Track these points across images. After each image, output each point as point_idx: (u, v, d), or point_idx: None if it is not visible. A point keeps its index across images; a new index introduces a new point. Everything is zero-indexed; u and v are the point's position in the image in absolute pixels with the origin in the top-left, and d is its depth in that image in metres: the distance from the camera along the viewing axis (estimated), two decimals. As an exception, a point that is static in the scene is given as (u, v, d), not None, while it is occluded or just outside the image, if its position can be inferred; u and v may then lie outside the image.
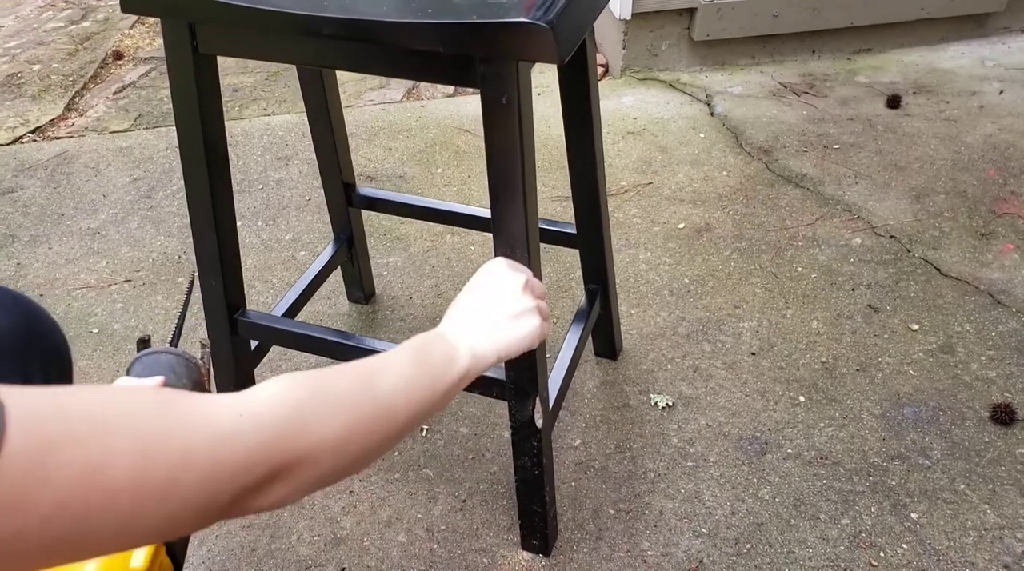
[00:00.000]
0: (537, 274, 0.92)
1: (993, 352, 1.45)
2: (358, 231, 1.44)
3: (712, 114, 2.18)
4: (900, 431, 1.32)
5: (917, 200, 1.84)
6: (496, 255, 0.90)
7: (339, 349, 1.11)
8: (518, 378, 0.98)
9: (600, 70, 2.45)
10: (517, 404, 1.00)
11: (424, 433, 1.33)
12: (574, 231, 1.25)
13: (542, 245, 1.37)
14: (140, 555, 0.66)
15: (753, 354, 1.46)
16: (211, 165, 0.98)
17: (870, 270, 1.64)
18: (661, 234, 1.75)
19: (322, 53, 0.87)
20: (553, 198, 1.86)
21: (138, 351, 0.71)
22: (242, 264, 1.65)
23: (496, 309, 0.73)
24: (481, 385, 1.02)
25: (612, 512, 1.20)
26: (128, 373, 0.68)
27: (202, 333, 1.46)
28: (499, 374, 1.00)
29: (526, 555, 1.15)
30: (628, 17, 2.18)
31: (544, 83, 2.27)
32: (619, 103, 2.24)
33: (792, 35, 2.34)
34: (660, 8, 2.20)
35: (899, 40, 2.42)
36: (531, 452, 1.04)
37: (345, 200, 1.36)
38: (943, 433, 1.31)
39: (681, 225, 1.78)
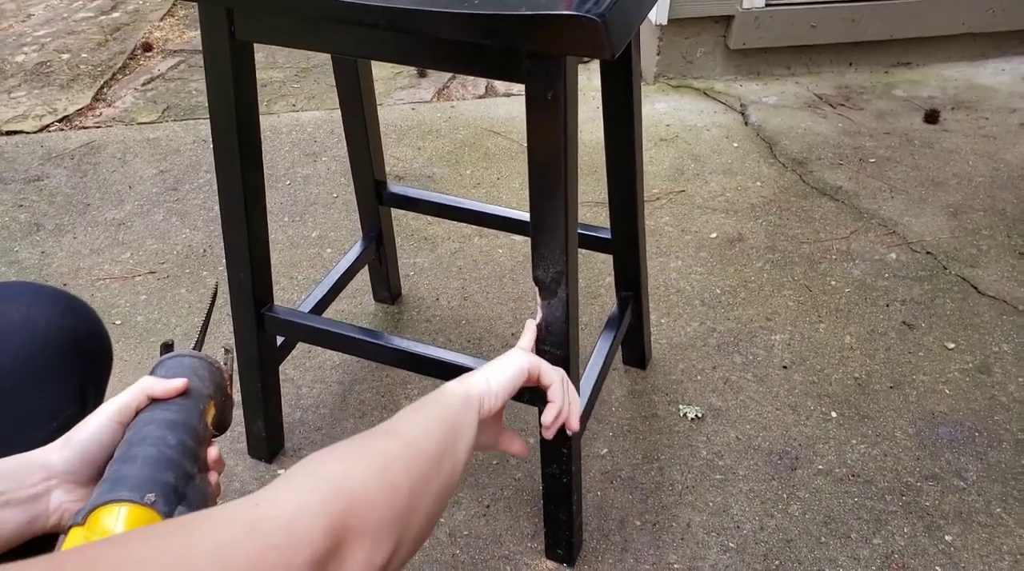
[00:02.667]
0: (574, 275, 0.90)
1: (1033, 374, 1.41)
2: (387, 230, 1.42)
3: (746, 124, 2.15)
4: (935, 451, 1.28)
5: (954, 217, 1.80)
6: (533, 254, 0.87)
7: (366, 347, 1.09)
8: (550, 383, 0.95)
9: (630, 76, 2.42)
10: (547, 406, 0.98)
11: (447, 436, 1.31)
12: (609, 236, 1.22)
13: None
14: None
15: (785, 367, 1.42)
16: (244, 156, 0.97)
17: (905, 286, 1.60)
18: (693, 243, 1.72)
19: (362, 43, 0.86)
20: (584, 203, 1.83)
21: (161, 354, 0.70)
22: (281, 254, 1.65)
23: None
24: (512, 389, 1.00)
25: (638, 523, 1.18)
26: (154, 373, 0.67)
27: (226, 327, 1.45)
28: (531, 378, 0.97)
29: (550, 564, 1.12)
30: (664, 23, 2.15)
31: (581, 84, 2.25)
32: (652, 109, 2.22)
33: (829, 46, 2.31)
34: (697, 15, 2.17)
35: (939, 54, 2.38)
36: (560, 459, 1.02)
37: (376, 198, 1.35)
38: (979, 454, 1.27)
39: (713, 234, 1.75)
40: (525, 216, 1.14)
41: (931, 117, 2.14)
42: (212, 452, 0.65)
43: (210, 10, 0.86)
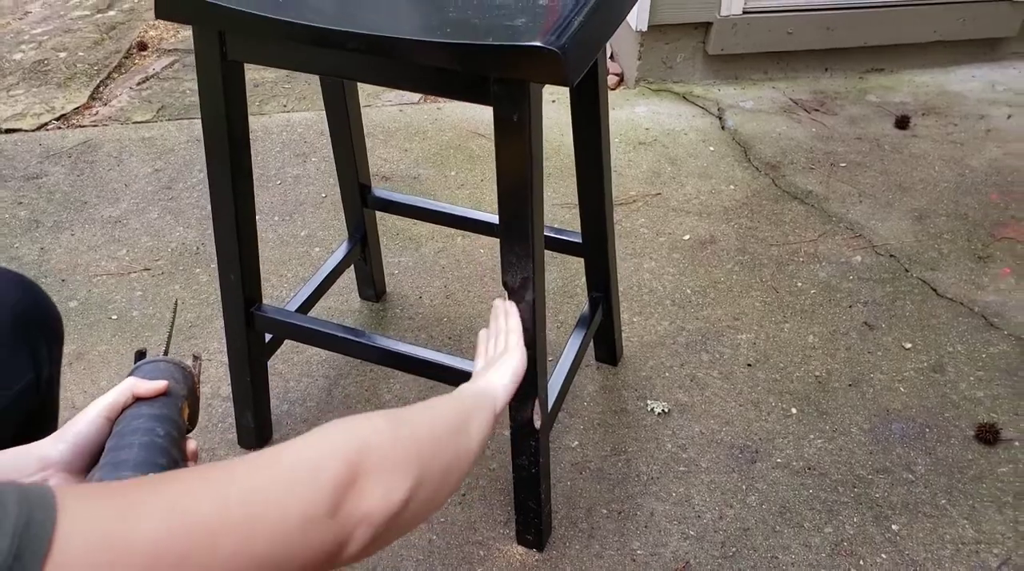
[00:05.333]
0: (540, 280, 0.97)
1: (982, 373, 1.49)
2: (371, 231, 1.49)
3: (723, 128, 2.22)
4: (887, 446, 1.36)
5: (919, 221, 1.88)
6: (502, 260, 0.95)
7: (350, 345, 1.16)
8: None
9: (615, 79, 2.49)
10: (517, 405, 1.05)
11: (427, 428, 1.38)
12: (580, 240, 1.29)
13: (549, 252, 1.42)
14: None
15: (749, 365, 1.50)
16: (235, 166, 1.04)
17: (868, 288, 1.68)
18: (666, 245, 1.79)
19: (344, 65, 0.92)
20: (563, 205, 1.90)
21: (135, 361, 0.76)
22: (272, 251, 1.71)
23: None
24: (483, 385, 1.07)
25: (605, 512, 1.25)
26: (134, 375, 0.73)
27: (218, 323, 1.52)
28: (501, 375, 1.05)
29: (520, 549, 1.20)
30: (644, 29, 2.22)
31: (559, 90, 2.31)
32: (632, 113, 2.28)
33: (806, 52, 2.38)
34: (676, 21, 2.24)
35: (911, 61, 2.45)
36: (529, 451, 1.09)
37: (360, 201, 1.41)
38: (928, 449, 1.35)
39: (686, 237, 1.82)
40: (500, 222, 1.21)
41: (901, 123, 2.21)
42: (190, 445, 0.72)
43: (203, 32, 0.92)
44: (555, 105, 2.30)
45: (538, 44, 0.76)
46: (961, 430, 1.38)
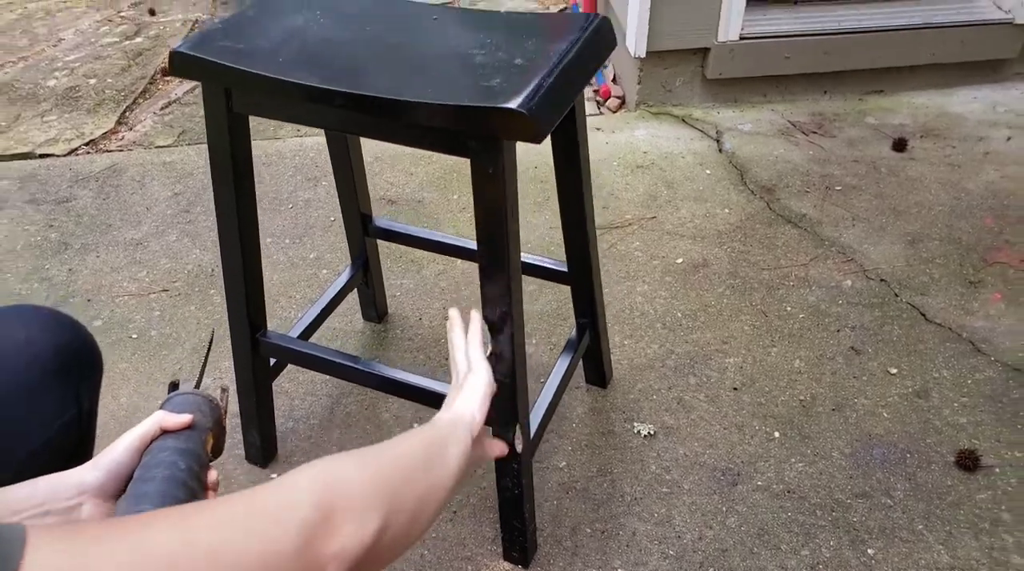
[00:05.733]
0: (518, 315, 1.04)
1: (967, 399, 1.53)
2: (373, 257, 1.57)
3: (720, 151, 2.28)
4: (867, 470, 1.40)
5: (911, 245, 1.92)
6: (482, 297, 1.01)
7: (348, 372, 1.24)
8: (501, 408, 1.09)
9: (616, 102, 2.55)
10: (500, 430, 1.12)
11: (423, 447, 1.45)
12: (565, 269, 1.36)
13: (538, 280, 1.49)
14: None
15: (735, 389, 1.55)
16: (240, 209, 1.12)
17: (857, 313, 1.72)
18: (660, 268, 1.85)
19: (336, 120, 1.00)
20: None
21: (169, 392, 0.84)
22: (268, 280, 1.80)
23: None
24: (468, 411, 1.14)
25: (589, 531, 1.31)
26: (164, 408, 0.81)
27: (229, 343, 1.61)
28: (484, 403, 1.12)
29: (507, 565, 1.26)
30: (643, 55, 2.28)
31: (563, 115, 2.39)
32: (631, 136, 2.35)
33: (804, 76, 2.42)
34: (674, 47, 2.30)
35: (911, 82, 2.49)
36: (512, 473, 1.16)
37: (362, 229, 1.49)
38: (908, 475, 1.40)
39: (679, 260, 1.88)
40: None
41: (899, 145, 2.25)
42: (212, 475, 0.79)
43: (211, 87, 1.01)
44: (559, 129, 2.36)
45: (510, 106, 0.83)
46: (942, 456, 1.43)
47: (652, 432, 1.47)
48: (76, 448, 0.88)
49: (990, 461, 1.41)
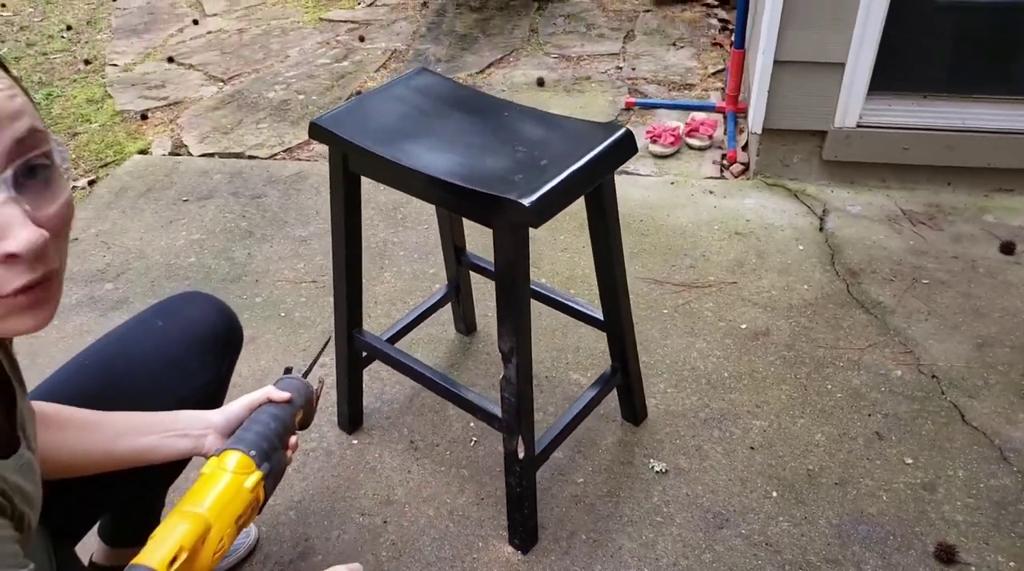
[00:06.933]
0: (524, 344, 1.33)
1: (971, 500, 1.61)
2: (464, 281, 1.92)
3: (821, 229, 2.41)
4: (847, 542, 1.55)
5: (978, 348, 1.97)
6: (498, 331, 1.32)
7: (416, 375, 1.58)
8: (508, 418, 1.40)
9: (740, 168, 2.73)
10: (507, 436, 1.42)
11: (472, 443, 1.78)
12: (601, 317, 1.63)
13: (577, 321, 1.76)
14: (252, 479, 1.01)
15: (752, 448, 1.74)
16: (348, 242, 1.50)
17: (894, 402, 1.83)
18: (723, 330, 2.05)
19: (408, 184, 1.34)
20: (646, 279, 2.21)
21: (283, 374, 1.22)
22: (392, 286, 2.21)
23: None
24: (487, 417, 1.45)
25: (584, 537, 1.58)
26: (275, 385, 1.18)
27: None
28: (498, 411, 1.42)
29: (509, 549, 1.56)
30: (759, 131, 2.46)
31: (678, 175, 2.62)
32: (740, 203, 2.53)
33: (925, 166, 2.48)
34: (791, 127, 2.45)
35: (1044, 186, 2.46)
36: (516, 474, 1.46)
37: (456, 258, 1.85)
38: (884, 554, 1.52)
39: (744, 326, 2.06)
40: (565, 298, 1.59)
41: (1007, 248, 2.26)
42: (292, 440, 1.14)
43: (333, 150, 1.40)
44: (672, 187, 2.60)
45: (512, 198, 1.14)
46: (924, 545, 1.53)
47: (664, 470, 1.70)
48: (211, 400, 1.28)
49: (968, 559, 1.50)
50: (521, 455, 1.42)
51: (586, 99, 3.27)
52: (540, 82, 3.42)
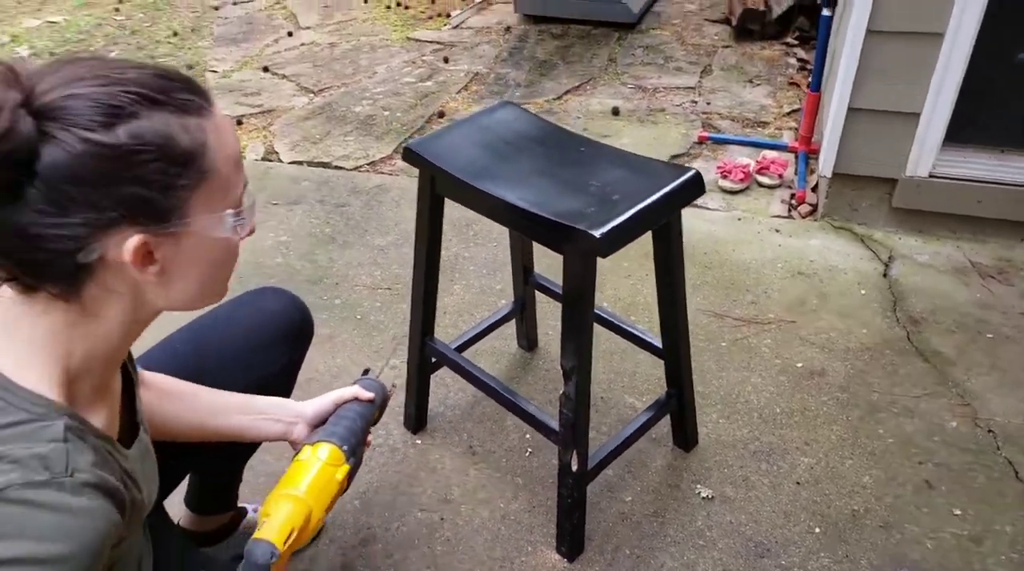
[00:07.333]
0: (585, 365, 1.42)
1: (1017, 555, 1.62)
2: (530, 300, 2.02)
3: (885, 275, 2.43)
4: (887, 584, 1.58)
5: (1038, 406, 1.97)
6: (562, 349, 1.42)
7: (479, 382, 1.69)
8: (565, 433, 1.49)
9: (808, 209, 2.77)
10: (563, 449, 1.51)
11: (528, 453, 1.87)
12: (660, 346, 1.70)
13: (635, 346, 1.84)
14: (341, 471, 1.11)
15: (798, 483, 1.78)
16: (429, 258, 1.63)
17: (947, 452, 1.85)
18: (778, 367, 2.10)
19: (488, 209, 1.45)
20: (707, 312, 2.28)
21: (362, 374, 1.33)
22: (461, 299, 2.33)
23: None
24: (544, 430, 1.55)
25: (627, 552, 1.65)
26: (357, 384, 1.29)
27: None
28: (556, 425, 1.51)
29: (556, 556, 1.64)
30: (829, 175, 2.50)
31: (747, 210, 2.68)
32: (805, 244, 2.57)
33: (999, 220, 2.47)
34: (861, 173, 2.49)
35: (1121, 248, 2.42)
36: (568, 485, 1.54)
37: (523, 278, 1.95)
38: (924, 600, 1.55)
39: (800, 364, 2.11)
40: (625, 324, 1.68)
41: (1077, 309, 2.24)
42: (370, 437, 1.27)
43: (423, 173, 1.52)
44: (739, 223, 2.66)
45: (583, 229, 1.24)
46: (965, 595, 1.56)
47: (711, 496, 1.76)
48: (283, 385, 1.41)
49: (1009, 614, 1.51)
50: (574, 468, 1.51)
51: (659, 130, 3.35)
52: (615, 111, 3.51)
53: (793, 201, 2.84)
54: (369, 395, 1.26)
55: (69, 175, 0.68)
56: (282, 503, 1.03)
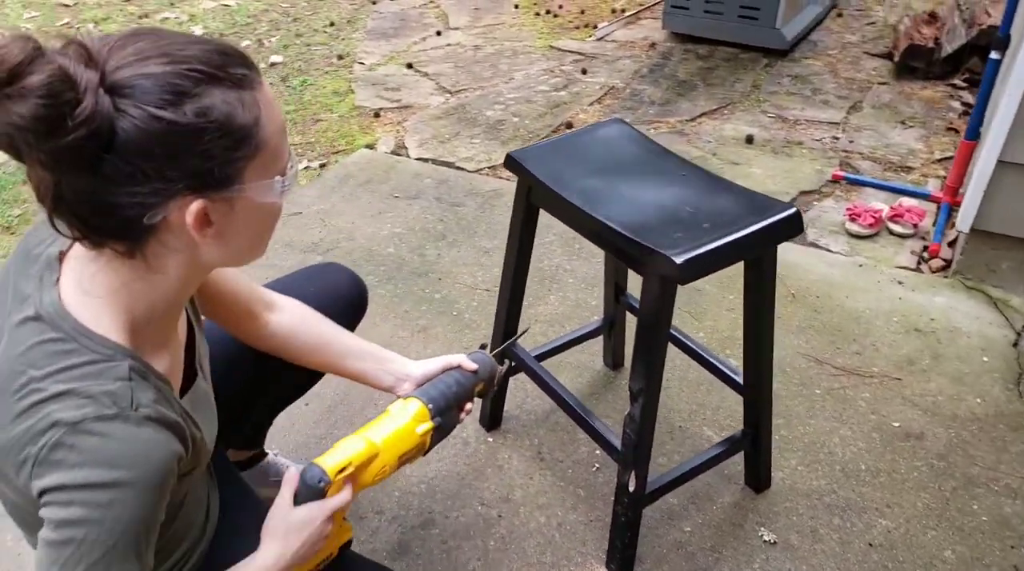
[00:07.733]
0: (652, 391, 1.42)
1: (1110, 668, 1.47)
2: (619, 319, 2.03)
3: (1015, 345, 2.25)
4: (952, 670, 1.48)
5: None
6: (632, 370, 1.42)
7: (551, 391, 1.72)
8: (626, 452, 1.49)
9: (940, 263, 2.61)
10: (622, 467, 1.52)
11: (595, 469, 1.88)
12: (741, 381, 1.67)
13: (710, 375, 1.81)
14: (423, 427, 1.20)
15: (870, 545, 1.70)
16: (518, 266, 1.68)
17: (1048, 542, 1.70)
18: (872, 423, 2.00)
19: (579, 225, 1.48)
20: (804, 355, 2.20)
21: (478, 349, 1.41)
22: (555, 310, 2.37)
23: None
24: (607, 447, 1.56)
25: (677, 584, 1.63)
26: (468, 356, 1.36)
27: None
28: (618, 443, 1.52)
29: (604, 573, 1.65)
30: (967, 230, 2.35)
31: (871, 255, 2.55)
32: (928, 300, 2.42)
33: None
34: (1003, 232, 2.32)
35: None
36: (623, 504, 1.55)
37: (614, 296, 1.96)
38: None
39: (896, 424, 1.99)
40: (709, 355, 1.67)
41: None
42: (468, 405, 1.32)
43: (521, 181, 1.57)
44: (860, 269, 2.54)
45: (665, 252, 1.24)
46: None
47: (773, 541, 1.70)
48: None
49: None
50: (631, 488, 1.51)
51: (792, 164, 3.25)
52: (749, 139, 3.43)
53: (925, 253, 2.68)
54: (472, 365, 1.33)
55: (142, 150, 0.76)
56: (352, 440, 1.12)
